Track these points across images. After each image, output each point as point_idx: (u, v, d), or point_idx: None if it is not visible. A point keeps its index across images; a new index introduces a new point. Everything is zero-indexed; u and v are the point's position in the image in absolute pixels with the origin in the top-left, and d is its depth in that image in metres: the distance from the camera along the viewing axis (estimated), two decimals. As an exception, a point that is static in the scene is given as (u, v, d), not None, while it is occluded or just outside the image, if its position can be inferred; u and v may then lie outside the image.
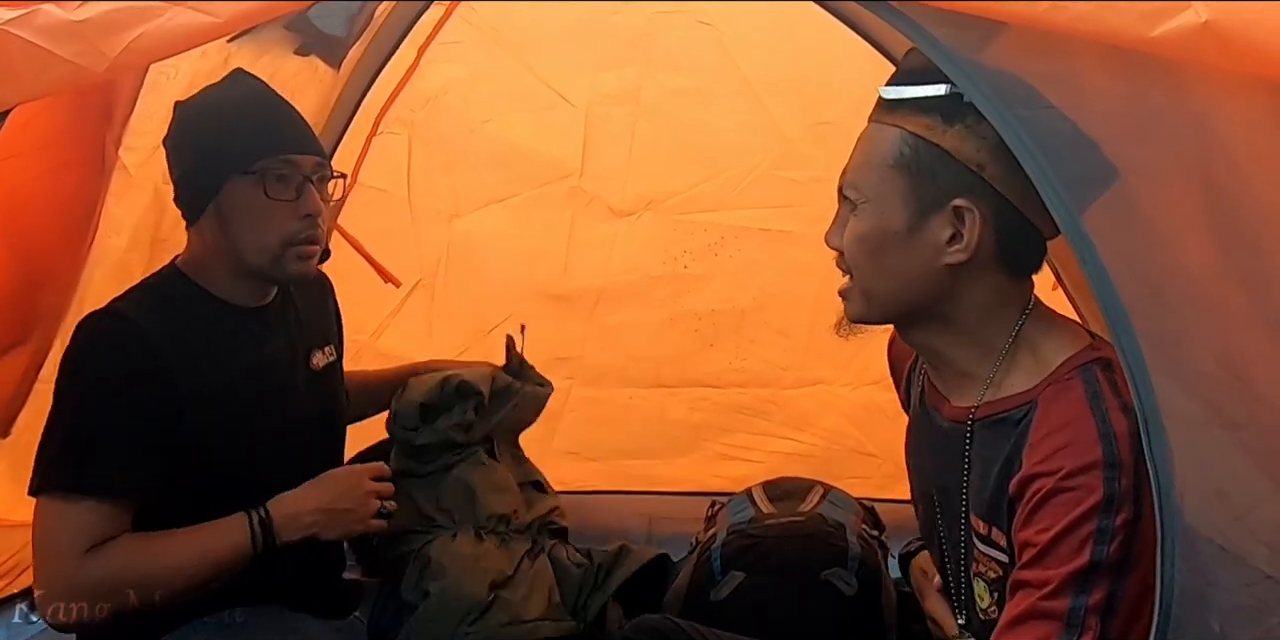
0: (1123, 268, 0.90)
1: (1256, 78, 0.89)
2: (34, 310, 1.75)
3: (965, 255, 1.05)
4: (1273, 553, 0.87)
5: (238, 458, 1.40)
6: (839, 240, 1.12)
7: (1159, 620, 0.87)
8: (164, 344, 1.34)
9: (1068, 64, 0.93)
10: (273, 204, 1.37)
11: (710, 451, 2.46)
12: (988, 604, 1.07)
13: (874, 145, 1.09)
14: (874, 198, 1.08)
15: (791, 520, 1.83)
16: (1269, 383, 0.90)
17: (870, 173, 1.08)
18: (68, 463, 1.31)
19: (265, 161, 1.36)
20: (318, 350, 1.57)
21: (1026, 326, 1.08)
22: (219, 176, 1.37)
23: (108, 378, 1.32)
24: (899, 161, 1.06)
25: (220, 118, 1.39)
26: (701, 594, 1.73)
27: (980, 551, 1.08)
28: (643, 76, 2.28)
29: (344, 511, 1.41)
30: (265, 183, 1.36)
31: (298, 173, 1.39)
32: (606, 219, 2.38)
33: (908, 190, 1.06)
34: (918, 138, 1.04)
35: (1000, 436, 1.06)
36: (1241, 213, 0.91)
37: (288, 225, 1.39)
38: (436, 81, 2.28)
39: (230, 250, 1.40)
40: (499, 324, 2.43)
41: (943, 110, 1.03)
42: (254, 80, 1.46)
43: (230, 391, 1.40)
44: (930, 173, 1.05)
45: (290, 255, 1.40)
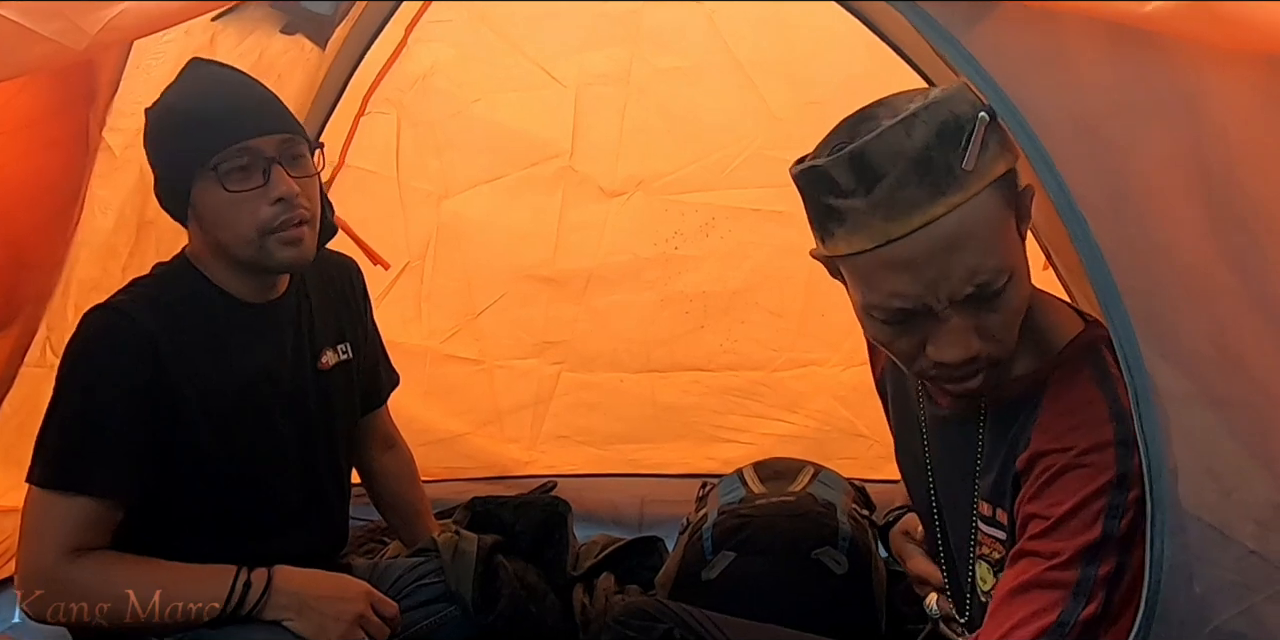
0: (1115, 247, 0.90)
1: (1250, 54, 0.89)
2: (19, 292, 1.74)
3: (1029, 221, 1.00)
4: (1260, 529, 0.88)
5: (233, 457, 1.39)
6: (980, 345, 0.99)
7: (1148, 595, 0.88)
8: (165, 344, 1.33)
9: (1059, 40, 0.92)
10: (239, 196, 1.32)
11: (702, 434, 2.46)
12: (990, 586, 1.08)
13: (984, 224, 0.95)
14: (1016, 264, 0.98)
15: (782, 500, 1.84)
16: (1260, 362, 0.90)
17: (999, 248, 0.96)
18: (61, 459, 1.31)
19: (221, 155, 1.31)
20: (329, 349, 1.53)
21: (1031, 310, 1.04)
22: (186, 180, 1.34)
23: (106, 377, 1.31)
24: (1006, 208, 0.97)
25: (174, 119, 1.36)
26: (693, 574, 1.73)
27: (985, 534, 1.08)
28: (632, 56, 2.26)
29: (322, 615, 1.33)
30: (221, 178, 1.31)
31: (259, 158, 1.33)
32: (597, 200, 2.37)
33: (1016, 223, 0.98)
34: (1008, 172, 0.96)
35: (1008, 419, 1.06)
36: (1233, 191, 0.91)
37: (259, 214, 1.33)
38: (425, 61, 2.26)
39: (218, 247, 1.38)
40: (488, 306, 2.43)
41: (996, 132, 0.95)
42: (207, 68, 1.41)
43: (230, 392, 1.39)
44: (1015, 191, 0.98)
45: (273, 243, 1.34)
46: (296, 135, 1.37)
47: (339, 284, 1.58)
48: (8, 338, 1.75)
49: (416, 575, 1.61)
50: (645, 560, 1.97)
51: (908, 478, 1.27)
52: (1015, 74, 0.92)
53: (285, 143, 1.35)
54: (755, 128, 2.28)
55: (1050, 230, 1.60)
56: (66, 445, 1.31)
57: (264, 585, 1.33)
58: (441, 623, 1.57)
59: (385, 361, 1.76)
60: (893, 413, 1.29)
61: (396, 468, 1.81)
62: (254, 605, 1.32)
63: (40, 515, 1.30)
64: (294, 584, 1.35)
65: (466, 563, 1.58)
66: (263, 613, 1.32)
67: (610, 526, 2.22)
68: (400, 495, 1.82)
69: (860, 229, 0.95)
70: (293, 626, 1.33)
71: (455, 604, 1.57)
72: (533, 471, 2.42)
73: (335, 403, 1.54)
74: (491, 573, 1.60)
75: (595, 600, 1.81)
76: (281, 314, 1.46)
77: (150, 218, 1.81)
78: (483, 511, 1.83)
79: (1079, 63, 0.92)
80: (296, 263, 1.39)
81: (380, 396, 1.76)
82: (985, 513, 1.09)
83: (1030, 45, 0.92)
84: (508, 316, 2.43)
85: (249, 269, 1.40)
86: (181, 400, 1.34)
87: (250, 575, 1.33)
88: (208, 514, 1.39)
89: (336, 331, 1.55)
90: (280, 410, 1.45)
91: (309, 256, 1.39)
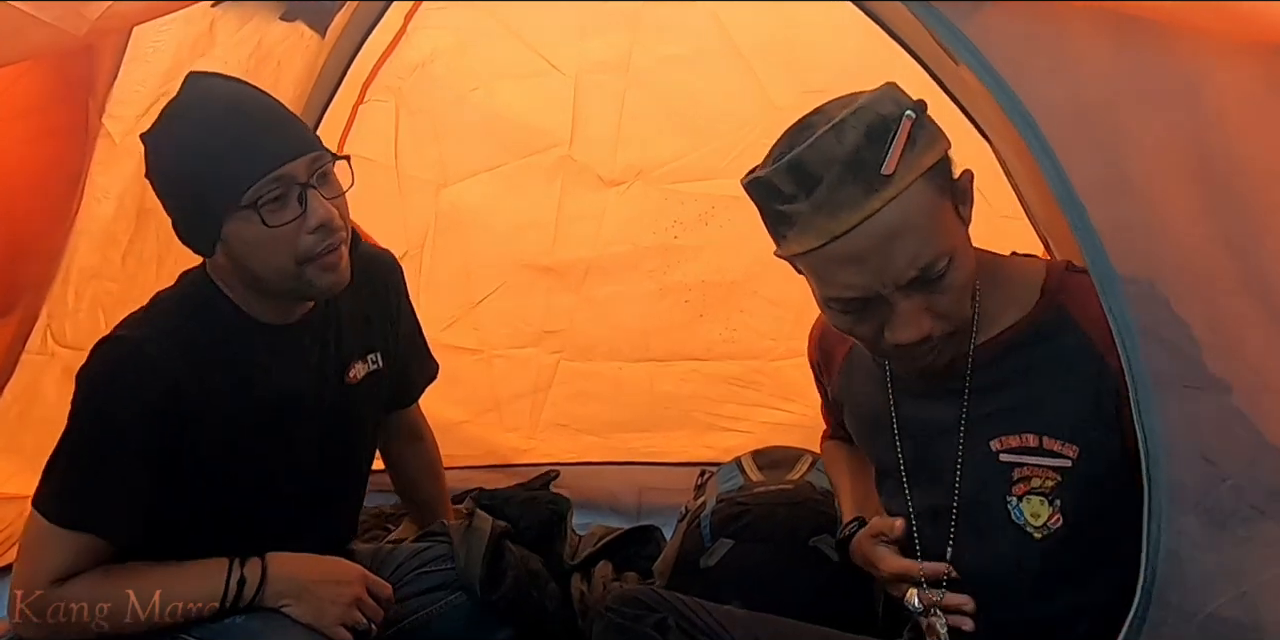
0: (1113, 233, 0.90)
1: (1248, 42, 0.89)
2: (19, 280, 1.74)
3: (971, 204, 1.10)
4: (1255, 515, 0.88)
5: (247, 474, 1.38)
6: (931, 324, 1.07)
7: (1144, 579, 0.88)
8: (186, 379, 1.28)
9: (1059, 28, 0.93)
10: (278, 230, 1.25)
11: (700, 422, 2.46)
12: (1045, 517, 1.12)
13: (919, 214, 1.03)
14: (954, 246, 1.06)
15: (780, 488, 1.85)
16: (1254, 346, 0.91)
17: (938, 233, 1.04)
18: (67, 496, 1.29)
19: (254, 189, 1.23)
20: (358, 361, 1.48)
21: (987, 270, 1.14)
22: (214, 216, 1.25)
23: (120, 419, 1.27)
24: (939, 195, 1.05)
25: (192, 153, 1.25)
26: (691, 561, 1.74)
27: (1030, 466, 1.11)
28: (632, 43, 2.25)
29: (319, 599, 1.33)
30: (260, 212, 1.23)
31: (293, 184, 1.25)
32: (596, 189, 2.37)
33: (952, 205, 1.07)
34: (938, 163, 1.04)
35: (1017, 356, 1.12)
36: (1231, 177, 0.91)
37: (298, 244, 1.26)
38: (424, 49, 2.25)
39: (251, 278, 1.32)
40: (487, 295, 2.43)
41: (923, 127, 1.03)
42: (212, 86, 1.30)
43: (251, 415, 1.36)
44: (948, 177, 1.07)
45: (313, 270, 1.29)
46: (322, 151, 1.30)
47: (374, 285, 1.52)
48: (8, 325, 1.75)
49: (419, 562, 1.61)
50: (642, 549, 1.98)
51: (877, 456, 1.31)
52: (1015, 61, 0.92)
53: (314, 162, 1.28)
54: (755, 116, 2.27)
55: (1047, 217, 1.61)
56: (74, 483, 1.29)
57: (259, 576, 1.33)
58: (442, 611, 1.57)
59: (420, 357, 1.71)
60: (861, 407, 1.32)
61: (419, 461, 1.81)
62: (252, 597, 1.32)
63: (38, 543, 1.29)
64: (289, 570, 1.35)
65: (478, 541, 1.59)
66: (260, 602, 1.32)
67: (609, 514, 2.23)
68: (421, 488, 1.82)
69: (807, 230, 1.05)
70: (291, 612, 1.33)
71: (456, 592, 1.58)
72: (531, 460, 2.42)
73: (359, 413, 1.52)
74: (498, 554, 1.61)
75: (593, 588, 1.82)
76: (308, 333, 1.42)
77: (150, 206, 1.80)
78: (488, 506, 1.84)
79: (1079, 50, 0.92)
80: (335, 288, 1.33)
81: (410, 395, 1.74)
82: (1026, 444, 1.11)
83: (1030, 33, 0.93)
84: (507, 305, 2.43)
85: (280, 297, 1.36)
86: (199, 429, 1.31)
87: (244, 569, 1.32)
88: (214, 520, 1.38)
89: (366, 341, 1.50)
90: (301, 427, 1.42)
91: (347, 278, 1.33)
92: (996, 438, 1.14)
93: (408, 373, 1.68)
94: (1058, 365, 1.10)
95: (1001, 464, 1.14)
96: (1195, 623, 0.88)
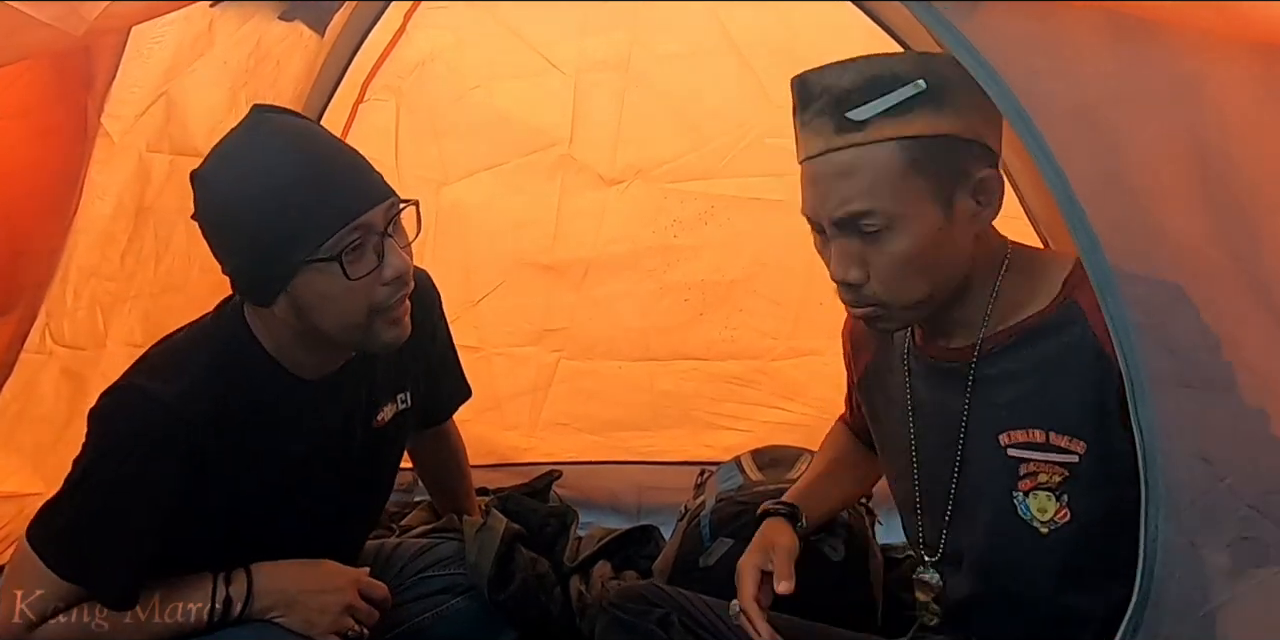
0: (1112, 233, 0.90)
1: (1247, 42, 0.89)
2: (18, 279, 1.74)
3: (996, 213, 1.11)
4: (1252, 513, 0.88)
5: (261, 520, 1.33)
6: (862, 273, 1.11)
7: (1142, 579, 0.88)
8: (209, 438, 1.22)
9: (1057, 28, 0.93)
10: (355, 281, 1.17)
11: (700, 422, 2.46)
12: (1052, 513, 1.12)
13: (872, 168, 1.07)
14: (904, 212, 1.08)
15: (780, 488, 1.84)
16: (1253, 346, 0.91)
17: (883, 194, 1.07)
18: (66, 549, 1.23)
19: (335, 240, 1.15)
20: (388, 403, 1.42)
21: (1012, 259, 1.16)
22: (287, 267, 1.17)
23: (137, 478, 1.21)
24: (913, 167, 1.07)
25: (263, 199, 1.15)
26: (691, 560, 1.74)
27: (1037, 462, 1.12)
28: (632, 42, 2.25)
29: (309, 609, 1.30)
30: (343, 264, 1.15)
31: (371, 233, 1.18)
32: (596, 187, 2.37)
33: (933, 188, 1.08)
34: (919, 139, 1.06)
35: (1028, 349, 1.12)
36: (1231, 177, 0.91)
37: (373, 296, 1.20)
38: (423, 48, 2.25)
39: (309, 330, 1.23)
40: (487, 293, 2.43)
41: (931, 103, 1.05)
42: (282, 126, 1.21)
43: (274, 468, 1.31)
44: (947, 163, 1.08)
45: (380, 324, 1.22)
46: (396, 197, 1.22)
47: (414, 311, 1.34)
48: (7, 324, 1.75)
49: (422, 564, 1.60)
50: (641, 549, 1.98)
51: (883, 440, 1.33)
52: (1013, 61, 0.92)
53: (390, 209, 1.20)
54: (755, 115, 2.27)
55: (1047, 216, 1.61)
56: (79, 537, 1.23)
57: (244, 592, 1.29)
58: (445, 614, 1.56)
59: (452, 377, 1.67)
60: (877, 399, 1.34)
61: (440, 454, 1.79)
62: (239, 612, 1.28)
63: (28, 578, 1.24)
64: (276, 582, 1.31)
65: (491, 540, 1.58)
66: (249, 616, 1.29)
67: (608, 513, 2.23)
68: (443, 479, 1.83)
69: (798, 143, 1.13)
70: (282, 622, 1.30)
71: (459, 597, 1.57)
72: (531, 458, 2.42)
73: (384, 454, 1.48)
74: (509, 556, 1.61)
75: (591, 587, 1.82)
76: (341, 386, 1.35)
77: (148, 204, 1.81)
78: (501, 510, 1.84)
79: (1077, 49, 0.92)
80: (398, 342, 1.26)
81: (441, 415, 1.71)
82: (1036, 440, 1.12)
83: (1028, 32, 0.92)
84: (507, 304, 2.43)
85: (335, 348, 1.29)
86: (217, 483, 1.26)
87: (229, 588, 1.28)
88: (218, 558, 1.33)
89: (398, 380, 1.44)
90: (323, 477, 1.38)
91: (408, 332, 1.27)
92: (1005, 432, 1.15)
93: (438, 394, 1.63)
94: (1066, 359, 1.10)
95: (1010, 459, 1.14)
96: (1193, 622, 0.88)
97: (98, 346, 1.82)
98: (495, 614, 1.56)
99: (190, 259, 1.87)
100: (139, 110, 1.73)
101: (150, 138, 1.78)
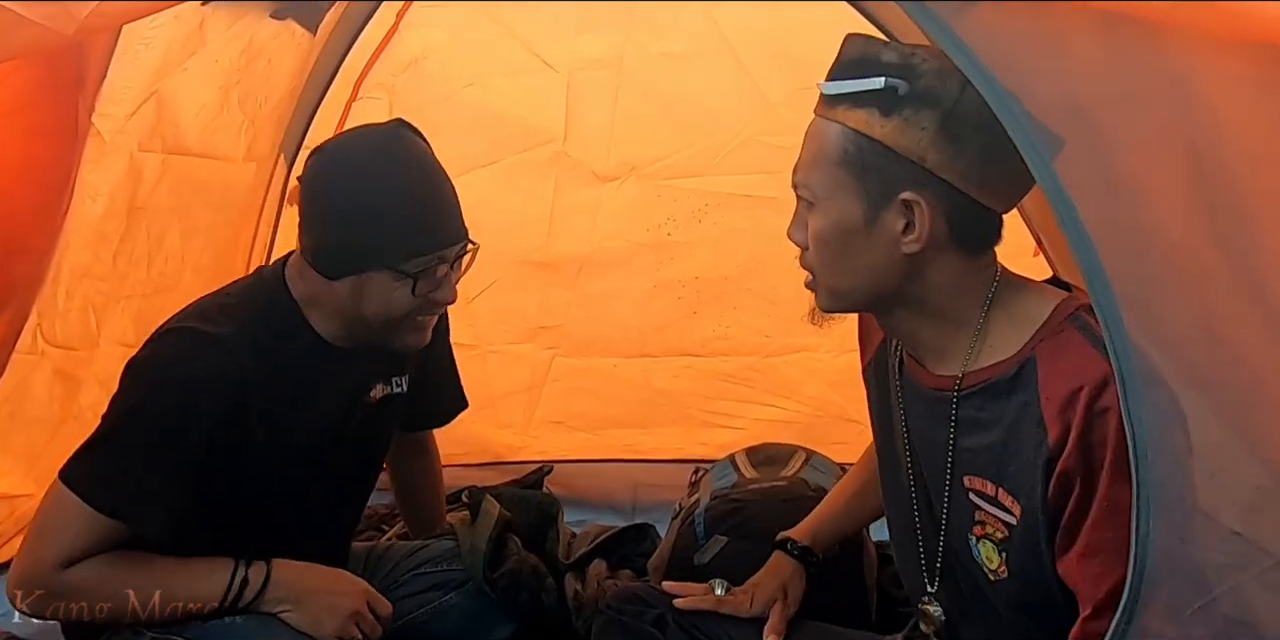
0: (1103, 231, 0.90)
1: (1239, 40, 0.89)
2: (9, 279, 1.73)
3: (919, 245, 1.06)
4: (1244, 511, 0.89)
5: (269, 484, 1.39)
6: (802, 236, 1.12)
7: (1134, 576, 0.89)
8: (254, 385, 1.31)
9: (1050, 26, 0.93)
10: (411, 296, 1.34)
11: (694, 419, 2.47)
12: (996, 565, 1.09)
13: (819, 142, 1.08)
14: (826, 196, 1.08)
15: (774, 485, 1.85)
16: (1245, 343, 0.91)
17: (819, 171, 1.08)
18: (107, 481, 1.28)
19: (418, 261, 1.32)
20: (382, 382, 1.51)
21: (997, 295, 1.10)
22: (366, 264, 1.32)
23: (187, 411, 1.28)
24: (843, 159, 1.06)
25: (380, 211, 1.30)
26: (686, 558, 1.74)
27: (986, 512, 1.09)
28: (625, 40, 2.25)
29: (318, 608, 1.35)
30: (416, 282, 1.33)
31: (443, 263, 1.35)
32: (590, 185, 2.37)
33: (857, 186, 1.06)
34: (858, 134, 1.04)
35: (997, 399, 1.08)
36: (1221, 175, 0.91)
37: (420, 308, 1.37)
38: (416, 46, 2.24)
39: (349, 313, 1.37)
40: (481, 291, 2.43)
41: (880, 103, 1.03)
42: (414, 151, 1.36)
43: (290, 430, 1.38)
44: (875, 168, 1.05)
45: (407, 326, 1.38)
46: (467, 239, 1.39)
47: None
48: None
49: (415, 562, 1.62)
50: (637, 547, 1.98)
51: (879, 446, 1.30)
52: (1007, 59, 0.92)
53: (463, 247, 1.38)
54: (749, 113, 2.27)
55: (1039, 214, 1.61)
56: (121, 470, 1.29)
57: (262, 579, 1.33)
58: (439, 610, 1.58)
59: (453, 386, 1.75)
60: (873, 396, 1.31)
61: (418, 475, 1.83)
62: (252, 599, 1.32)
63: (57, 518, 1.28)
64: (292, 577, 1.35)
65: (487, 521, 1.61)
66: (259, 605, 1.33)
67: (603, 511, 2.23)
68: (418, 498, 1.84)
69: None
70: (289, 618, 1.34)
71: (452, 592, 1.58)
72: (526, 457, 2.42)
73: (375, 434, 1.54)
74: (502, 541, 1.62)
75: (587, 586, 1.82)
76: (358, 357, 1.44)
77: (140, 204, 1.80)
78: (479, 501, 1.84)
79: (1070, 48, 0.92)
80: (416, 347, 1.42)
81: (441, 420, 1.76)
82: (987, 492, 1.09)
83: (1022, 31, 0.92)
84: (501, 301, 2.43)
85: (361, 336, 1.40)
86: (249, 438, 1.33)
87: (248, 571, 1.33)
88: (223, 524, 1.38)
89: (394, 366, 1.52)
90: (324, 442, 1.44)
91: (427, 341, 1.43)
92: (968, 475, 1.12)
93: (441, 399, 1.72)
94: (1020, 421, 1.05)
95: (969, 501, 1.12)
96: (1183, 619, 0.89)
97: (90, 347, 1.82)
98: (490, 607, 1.58)
99: (183, 259, 1.87)
100: (130, 109, 1.73)
101: (142, 137, 1.77)
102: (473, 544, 1.58)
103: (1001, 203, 1.07)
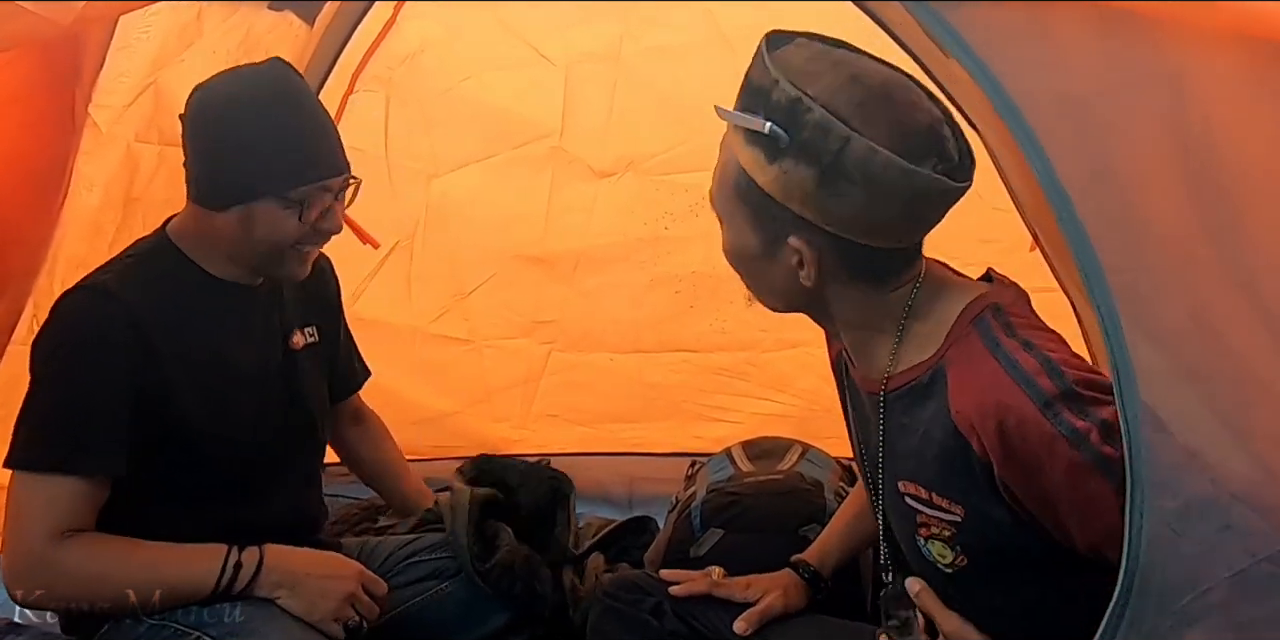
0: (1098, 224, 0.90)
1: (1234, 34, 0.89)
2: (4, 270, 1.72)
3: (811, 283, 1.05)
4: (1236, 504, 0.89)
5: (212, 429, 1.40)
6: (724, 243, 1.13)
7: (1127, 568, 0.89)
8: (150, 321, 1.34)
9: (1045, 20, 0.93)
10: (299, 223, 1.38)
11: (690, 413, 2.47)
12: (951, 559, 1.09)
13: (723, 165, 1.06)
14: (728, 219, 1.08)
15: (770, 478, 1.85)
16: (1239, 338, 0.92)
17: (720, 194, 1.08)
18: (46, 441, 1.30)
19: (304, 190, 1.36)
20: (298, 330, 1.56)
21: (915, 303, 1.09)
22: (252, 194, 1.36)
23: (91, 354, 1.32)
24: (738, 192, 1.05)
25: (263, 139, 1.34)
26: (682, 551, 1.75)
27: (926, 515, 1.08)
28: (622, 34, 2.25)
29: (312, 592, 1.35)
30: (302, 210, 1.37)
31: (328, 193, 1.39)
32: (587, 180, 2.37)
33: (753, 220, 1.05)
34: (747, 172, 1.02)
35: (915, 404, 1.08)
36: (1216, 169, 0.92)
37: (305, 237, 1.41)
38: (413, 39, 2.24)
39: (237, 243, 1.40)
40: (478, 286, 2.43)
41: (765, 147, 0.99)
42: (294, 85, 1.40)
43: (211, 369, 1.41)
44: (764, 208, 1.03)
45: (291, 256, 1.42)
46: (350, 172, 1.43)
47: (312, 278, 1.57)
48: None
49: (407, 553, 1.62)
50: (637, 540, 1.98)
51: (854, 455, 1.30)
52: (1001, 53, 0.92)
53: (345, 180, 1.42)
54: (745, 108, 2.27)
55: (1035, 209, 1.61)
56: (51, 426, 1.31)
57: (255, 564, 1.34)
58: (432, 600, 1.58)
59: (357, 356, 1.81)
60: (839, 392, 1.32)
61: (364, 433, 1.85)
62: (245, 584, 1.33)
63: (26, 500, 1.29)
64: (286, 562, 1.36)
65: (461, 510, 1.61)
66: (254, 590, 1.33)
67: (600, 505, 2.23)
68: (375, 458, 1.86)
69: None
70: (284, 603, 1.34)
71: (448, 581, 1.58)
72: (522, 450, 2.42)
73: (305, 381, 1.56)
74: (491, 533, 1.62)
75: (585, 579, 1.82)
76: (257, 296, 1.49)
77: (136, 195, 1.80)
78: (488, 470, 1.83)
79: (1064, 42, 0.93)
80: (296, 277, 1.47)
81: (349, 387, 1.80)
82: (921, 496, 1.08)
83: (1016, 23, 0.93)
84: (497, 296, 2.44)
85: (248, 269, 1.44)
86: (164, 372, 1.35)
87: (241, 555, 1.34)
88: (184, 483, 1.39)
89: (305, 315, 1.58)
90: (256, 384, 1.47)
91: (307, 273, 1.48)
92: (901, 480, 1.11)
93: (351, 366, 1.78)
94: (933, 428, 1.04)
95: (907, 506, 1.11)
96: (1176, 612, 0.89)
97: (86, 338, 1.81)
98: (484, 597, 1.58)
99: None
100: (127, 100, 1.72)
101: (138, 128, 1.77)
102: (454, 536, 1.58)
103: (896, 242, 1.05)
